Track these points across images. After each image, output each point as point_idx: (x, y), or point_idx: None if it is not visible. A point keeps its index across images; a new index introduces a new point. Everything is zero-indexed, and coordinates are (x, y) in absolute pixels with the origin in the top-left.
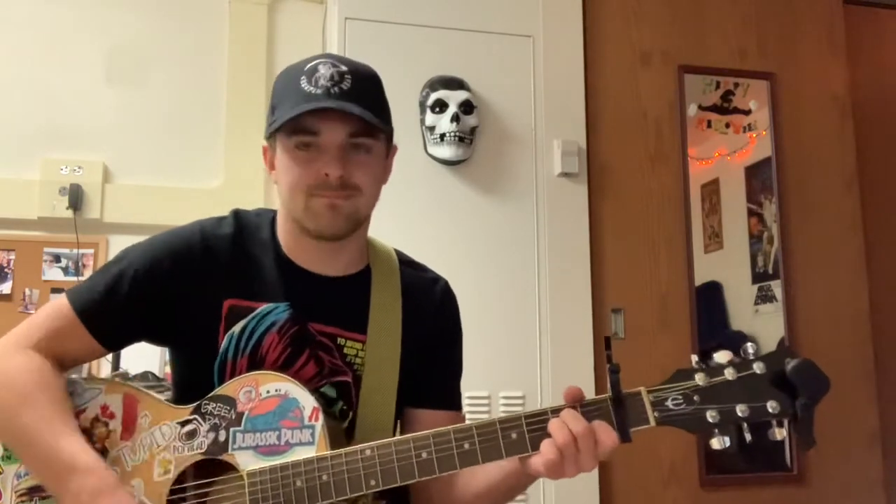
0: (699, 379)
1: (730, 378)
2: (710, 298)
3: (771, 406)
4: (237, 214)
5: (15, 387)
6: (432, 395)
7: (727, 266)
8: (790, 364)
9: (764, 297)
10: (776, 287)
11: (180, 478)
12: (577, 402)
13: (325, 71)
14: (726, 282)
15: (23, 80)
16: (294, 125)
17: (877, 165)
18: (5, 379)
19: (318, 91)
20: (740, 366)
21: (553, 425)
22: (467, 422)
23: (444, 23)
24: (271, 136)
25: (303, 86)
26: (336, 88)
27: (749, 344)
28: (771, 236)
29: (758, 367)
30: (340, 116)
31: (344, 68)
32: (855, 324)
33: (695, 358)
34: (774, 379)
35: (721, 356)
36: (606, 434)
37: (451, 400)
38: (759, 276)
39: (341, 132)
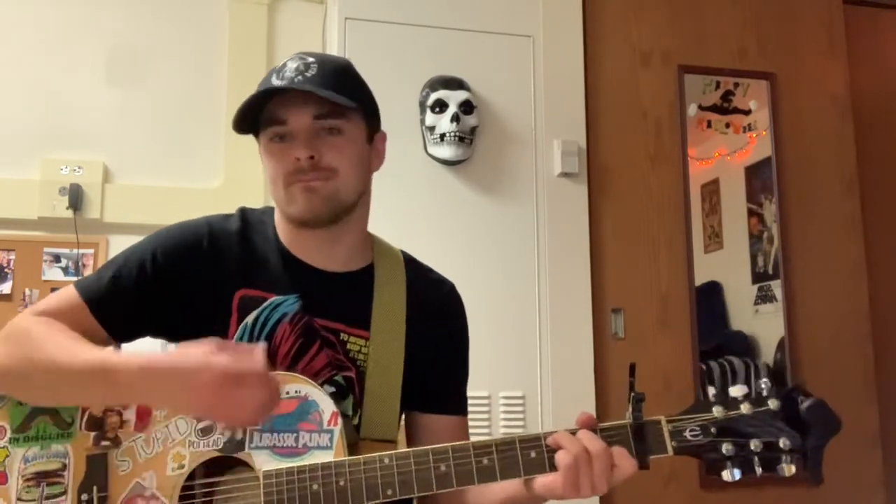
0: (717, 412)
1: (745, 413)
2: (710, 298)
3: (783, 443)
4: (243, 211)
5: (31, 335)
6: (439, 399)
7: (727, 266)
8: (804, 404)
9: (764, 297)
10: (776, 287)
11: (193, 473)
12: (591, 426)
13: (291, 64)
14: (726, 282)
15: (23, 80)
16: (266, 118)
17: (877, 166)
18: (21, 334)
19: (283, 82)
20: (755, 401)
21: (567, 441)
22: (470, 425)
23: (444, 23)
24: (256, 137)
25: (272, 80)
26: (300, 77)
27: (763, 380)
28: (771, 236)
29: (772, 404)
30: (303, 101)
31: (311, 59)
32: (855, 324)
33: (712, 390)
34: (787, 417)
35: (736, 390)
36: (625, 460)
37: (457, 405)
38: (759, 276)
39: (306, 115)
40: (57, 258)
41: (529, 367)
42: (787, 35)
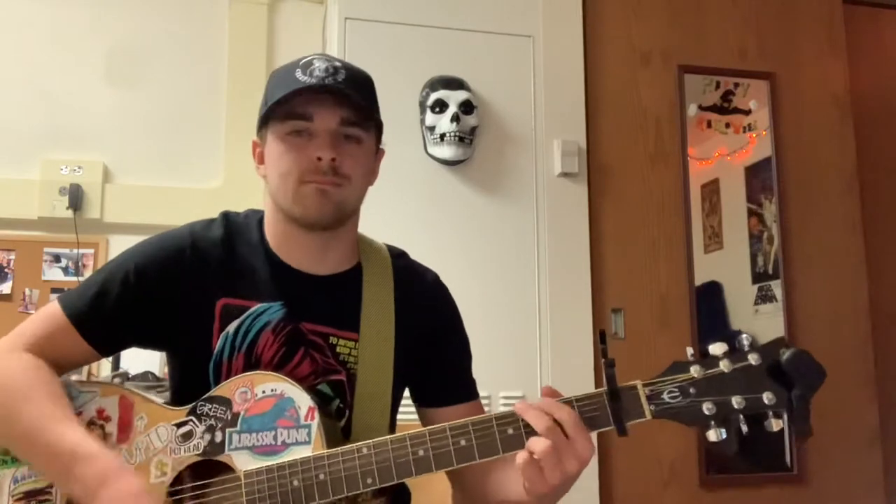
0: (694, 371)
1: (725, 370)
2: (710, 298)
3: (767, 397)
4: (226, 217)
5: (12, 386)
6: (450, 391)
7: (727, 266)
8: (785, 354)
9: (764, 297)
10: (776, 287)
11: (177, 479)
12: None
13: (320, 64)
14: (726, 282)
15: (23, 80)
16: (287, 111)
17: (877, 165)
18: (5, 378)
19: (313, 80)
20: (736, 357)
21: (534, 416)
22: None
23: (444, 23)
24: (263, 126)
25: (297, 75)
26: (331, 79)
27: (744, 335)
28: (771, 236)
29: (753, 359)
30: (333, 103)
31: (338, 64)
32: (855, 324)
33: (690, 350)
34: (770, 370)
35: (716, 348)
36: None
37: (468, 391)
38: (759, 276)
39: (334, 118)
40: (57, 258)
41: (529, 367)
42: (787, 35)
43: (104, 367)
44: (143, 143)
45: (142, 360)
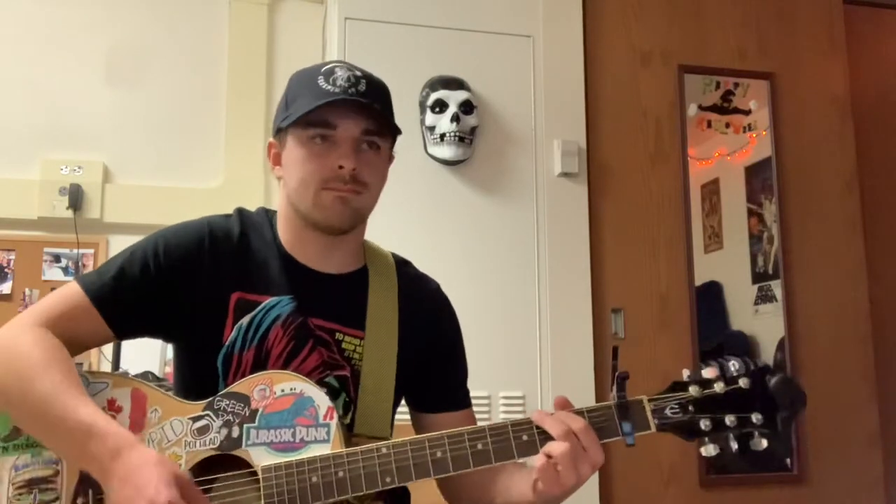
0: (693, 391)
1: (719, 391)
2: (710, 298)
3: (755, 417)
4: (241, 213)
5: (28, 359)
6: (446, 398)
7: (727, 266)
8: (771, 380)
9: (764, 297)
10: (776, 287)
11: (192, 473)
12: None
13: (342, 73)
14: (726, 282)
15: (23, 80)
16: (311, 118)
17: (877, 165)
18: (18, 352)
19: (337, 89)
20: (728, 381)
21: (551, 424)
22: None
23: (444, 23)
24: (281, 130)
25: (320, 83)
26: (353, 89)
27: (732, 362)
28: (771, 236)
29: (743, 383)
30: (356, 113)
31: (359, 73)
32: (855, 324)
33: (686, 372)
34: (758, 393)
35: (708, 372)
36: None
37: (463, 399)
38: (759, 276)
39: (356, 127)
40: (57, 258)
41: (529, 367)
42: (786, 35)
43: (104, 367)
44: (143, 143)
45: (141, 360)
